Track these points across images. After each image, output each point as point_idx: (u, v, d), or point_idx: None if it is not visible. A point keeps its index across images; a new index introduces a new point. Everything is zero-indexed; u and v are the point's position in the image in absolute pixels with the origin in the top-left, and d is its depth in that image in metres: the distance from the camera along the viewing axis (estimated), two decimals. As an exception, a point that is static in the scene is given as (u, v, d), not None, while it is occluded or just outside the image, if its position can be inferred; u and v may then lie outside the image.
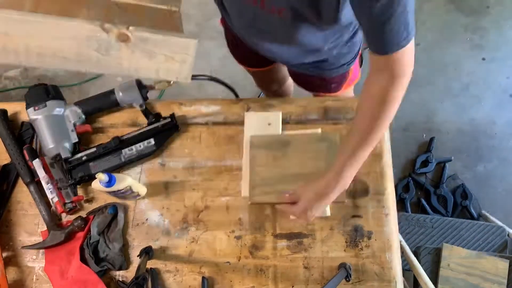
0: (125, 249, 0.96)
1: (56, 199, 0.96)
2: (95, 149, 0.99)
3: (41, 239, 0.97)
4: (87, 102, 1.04)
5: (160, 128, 1.01)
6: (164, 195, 1.00)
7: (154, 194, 1.00)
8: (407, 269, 1.26)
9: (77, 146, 1.01)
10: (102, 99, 1.04)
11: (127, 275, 0.94)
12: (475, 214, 1.82)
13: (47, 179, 0.98)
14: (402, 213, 1.55)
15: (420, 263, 1.22)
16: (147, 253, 0.91)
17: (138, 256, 0.93)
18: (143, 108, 1.03)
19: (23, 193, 1.01)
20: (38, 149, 1.04)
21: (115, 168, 1.00)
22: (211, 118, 1.07)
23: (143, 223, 0.98)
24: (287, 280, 0.92)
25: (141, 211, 0.99)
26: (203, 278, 0.92)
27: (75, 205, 0.98)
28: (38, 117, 0.99)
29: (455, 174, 1.93)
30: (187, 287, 0.93)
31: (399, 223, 1.46)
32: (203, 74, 2.09)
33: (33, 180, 0.99)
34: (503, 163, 1.95)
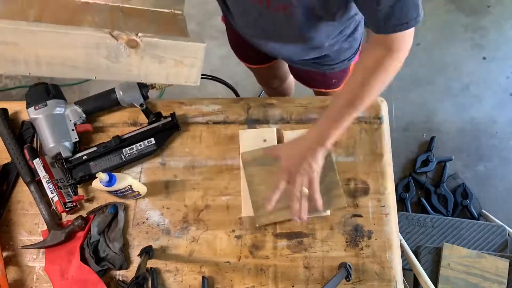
0: (125, 248, 0.96)
1: (56, 199, 0.96)
2: (96, 149, 0.99)
3: (42, 238, 0.97)
4: (87, 101, 1.04)
5: (160, 127, 1.01)
6: (164, 195, 1.00)
7: (154, 193, 1.00)
8: (407, 269, 1.26)
9: (77, 145, 1.01)
10: (102, 98, 1.04)
11: (127, 274, 0.94)
12: (476, 213, 1.82)
13: (48, 179, 0.97)
14: (402, 212, 1.55)
15: (420, 263, 1.22)
16: (147, 252, 0.91)
17: (138, 255, 0.93)
18: (144, 107, 1.03)
19: (24, 193, 1.01)
20: (38, 149, 1.04)
21: (115, 167, 1.00)
22: (212, 117, 1.07)
23: (144, 222, 0.98)
24: (287, 279, 0.92)
25: (141, 211, 0.99)
26: (203, 277, 0.92)
27: (75, 204, 0.98)
28: (38, 117, 0.99)
29: (455, 173, 1.93)
30: (187, 287, 0.93)
31: (400, 223, 1.46)
32: (204, 73, 2.09)
33: (34, 179, 0.99)
34: (503, 162, 1.95)
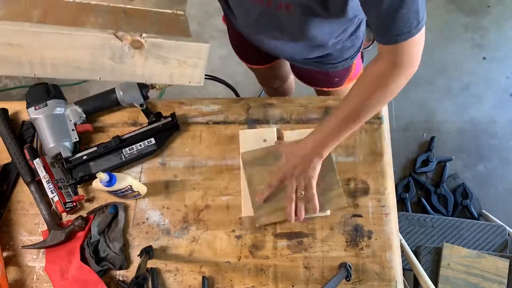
0: (125, 248, 0.96)
1: (56, 199, 0.96)
2: (96, 149, 0.99)
3: (42, 238, 0.97)
4: (87, 101, 1.04)
5: (160, 127, 1.01)
6: (164, 195, 1.00)
7: (154, 193, 1.01)
8: (407, 269, 1.26)
9: (77, 145, 1.01)
10: (102, 98, 1.04)
11: (128, 274, 0.94)
12: (476, 213, 1.82)
13: (48, 179, 0.98)
14: (402, 212, 1.55)
15: (420, 263, 1.22)
16: (148, 252, 0.91)
17: (138, 255, 0.93)
18: (144, 107, 1.03)
19: (24, 193, 1.01)
20: (38, 149, 1.04)
21: (115, 167, 1.00)
22: (212, 117, 1.07)
23: (144, 222, 0.98)
24: (287, 279, 0.92)
25: (141, 211, 0.99)
26: (204, 277, 0.92)
27: (75, 204, 0.98)
28: (38, 117, 0.99)
29: (455, 173, 1.93)
30: (188, 287, 0.93)
31: (400, 223, 1.46)
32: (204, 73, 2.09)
33: (34, 179, 0.99)
34: (503, 162, 1.95)
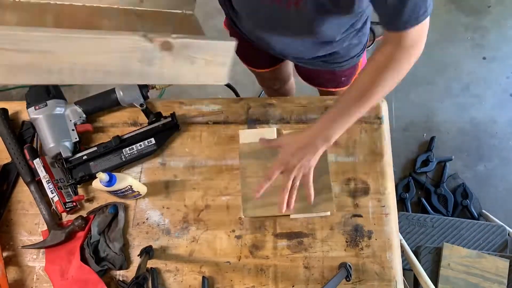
0: (125, 248, 0.96)
1: (56, 199, 0.96)
2: (96, 149, 0.99)
3: (42, 238, 0.97)
4: (87, 101, 1.04)
5: (160, 127, 1.01)
6: (164, 195, 1.00)
7: (154, 193, 1.01)
8: (408, 269, 1.26)
9: (77, 145, 1.01)
10: (102, 98, 1.04)
11: (128, 274, 0.94)
12: (476, 213, 1.82)
13: (48, 179, 0.98)
14: (402, 212, 1.55)
15: (420, 263, 1.22)
16: (148, 252, 0.91)
17: (138, 255, 0.93)
18: (144, 107, 1.03)
19: (24, 193, 1.01)
20: (38, 149, 1.04)
21: (115, 167, 1.00)
22: (212, 117, 1.07)
23: (144, 222, 0.98)
24: (288, 279, 0.92)
25: (141, 211, 0.99)
26: (204, 277, 0.92)
27: (75, 204, 0.98)
28: (38, 117, 0.99)
29: (455, 173, 1.93)
30: (188, 287, 0.93)
31: (400, 223, 1.46)
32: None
33: (34, 179, 0.99)
34: (503, 162, 1.95)
